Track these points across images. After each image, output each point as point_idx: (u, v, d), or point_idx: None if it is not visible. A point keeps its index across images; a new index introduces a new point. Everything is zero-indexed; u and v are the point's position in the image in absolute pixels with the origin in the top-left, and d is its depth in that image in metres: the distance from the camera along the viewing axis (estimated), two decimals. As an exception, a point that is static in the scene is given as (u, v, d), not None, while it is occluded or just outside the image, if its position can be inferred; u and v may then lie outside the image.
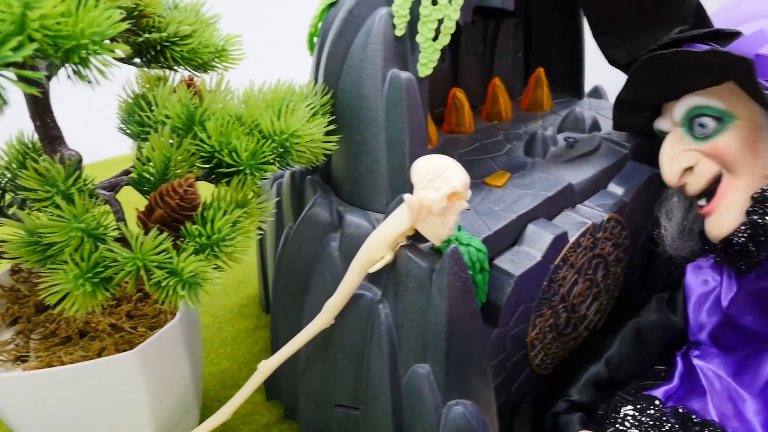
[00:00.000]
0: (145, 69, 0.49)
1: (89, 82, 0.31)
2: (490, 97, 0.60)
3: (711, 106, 0.47)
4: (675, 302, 0.51)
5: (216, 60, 0.49)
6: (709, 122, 0.47)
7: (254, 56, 0.67)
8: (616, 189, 0.52)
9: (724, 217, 0.47)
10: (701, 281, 0.51)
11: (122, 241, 0.38)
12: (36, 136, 0.42)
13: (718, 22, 0.51)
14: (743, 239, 0.46)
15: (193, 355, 0.51)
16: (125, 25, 0.30)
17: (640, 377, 0.51)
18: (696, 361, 0.49)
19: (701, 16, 0.50)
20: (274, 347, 0.54)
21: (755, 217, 0.46)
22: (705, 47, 0.47)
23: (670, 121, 0.49)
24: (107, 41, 0.30)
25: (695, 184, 0.48)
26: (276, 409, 0.58)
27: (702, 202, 0.49)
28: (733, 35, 0.49)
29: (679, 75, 0.47)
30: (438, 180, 0.38)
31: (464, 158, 0.54)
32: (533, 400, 0.50)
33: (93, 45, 0.28)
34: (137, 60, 0.49)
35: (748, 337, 0.48)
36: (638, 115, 0.52)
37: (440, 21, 0.43)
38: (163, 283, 0.35)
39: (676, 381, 0.49)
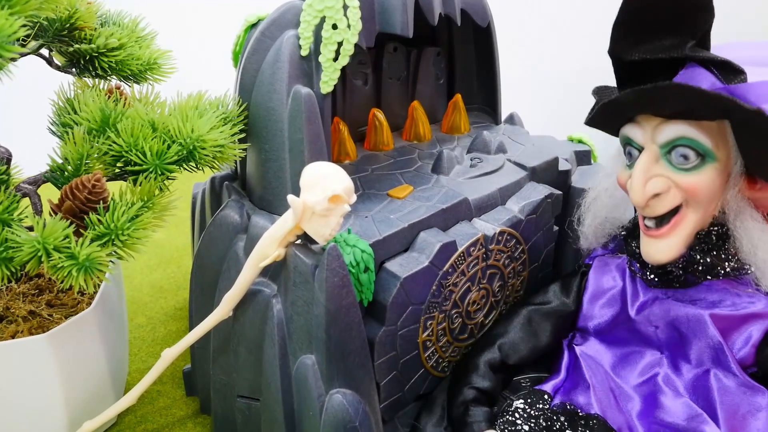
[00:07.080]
0: (80, 77, 0.53)
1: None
2: (410, 119, 0.64)
3: (700, 141, 0.46)
4: (569, 286, 0.54)
5: (148, 72, 0.54)
6: (692, 156, 0.47)
7: (191, 70, 0.72)
8: (512, 206, 0.56)
9: (671, 246, 0.48)
10: (603, 277, 0.53)
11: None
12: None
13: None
14: (678, 270, 0.49)
15: (111, 347, 0.54)
16: (23, 31, 0.34)
17: (534, 364, 0.53)
18: (578, 349, 0.52)
19: (706, 37, 0.49)
20: (191, 342, 0.57)
21: (695, 254, 0.48)
22: (706, 72, 0.47)
23: (649, 137, 0.49)
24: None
25: (657, 208, 0.48)
26: (194, 404, 0.61)
27: (650, 223, 0.49)
28: (739, 73, 0.48)
29: (688, 101, 0.45)
30: (321, 183, 0.42)
31: (376, 172, 0.58)
32: (445, 390, 0.53)
33: (-8, 46, 0.32)
34: (73, 69, 0.54)
35: (642, 341, 0.51)
36: (617, 119, 0.51)
37: (340, 44, 0.47)
38: (59, 266, 0.39)
39: (563, 373, 0.51)
